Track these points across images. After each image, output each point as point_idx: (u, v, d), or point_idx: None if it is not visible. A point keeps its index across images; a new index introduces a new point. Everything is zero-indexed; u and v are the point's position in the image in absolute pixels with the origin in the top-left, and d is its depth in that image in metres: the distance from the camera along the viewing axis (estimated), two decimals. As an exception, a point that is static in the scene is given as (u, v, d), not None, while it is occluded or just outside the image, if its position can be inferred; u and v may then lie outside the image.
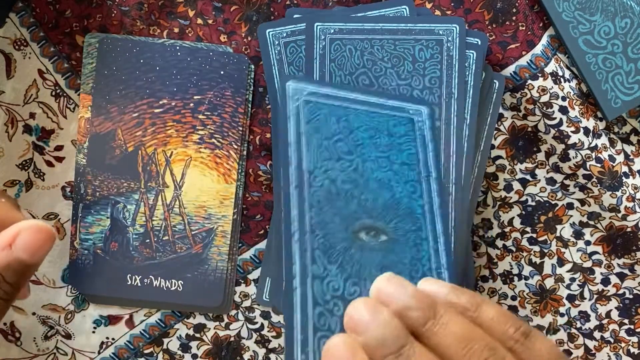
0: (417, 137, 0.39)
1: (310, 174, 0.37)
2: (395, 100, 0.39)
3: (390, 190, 0.38)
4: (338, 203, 0.37)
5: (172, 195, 0.43)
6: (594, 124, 0.44)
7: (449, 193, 0.39)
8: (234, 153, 0.42)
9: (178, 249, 0.43)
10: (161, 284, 0.43)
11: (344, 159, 0.38)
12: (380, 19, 0.41)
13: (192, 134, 0.42)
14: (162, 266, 0.43)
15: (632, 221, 0.45)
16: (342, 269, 0.36)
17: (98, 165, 0.42)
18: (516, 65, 0.43)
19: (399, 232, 0.37)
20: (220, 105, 0.42)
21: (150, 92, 0.42)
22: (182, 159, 0.43)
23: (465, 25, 0.42)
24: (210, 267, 0.43)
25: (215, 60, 0.42)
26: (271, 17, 0.43)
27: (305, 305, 0.36)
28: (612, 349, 0.47)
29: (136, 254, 0.43)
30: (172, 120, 0.42)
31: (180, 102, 0.42)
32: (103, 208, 0.43)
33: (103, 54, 0.41)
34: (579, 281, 0.46)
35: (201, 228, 0.43)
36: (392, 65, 0.39)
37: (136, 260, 0.43)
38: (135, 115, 0.42)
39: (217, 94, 0.42)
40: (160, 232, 0.43)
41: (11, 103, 0.43)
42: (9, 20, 0.43)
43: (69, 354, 0.45)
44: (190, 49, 0.42)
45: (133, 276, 0.42)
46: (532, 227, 0.45)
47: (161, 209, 0.43)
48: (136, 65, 0.42)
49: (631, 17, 0.43)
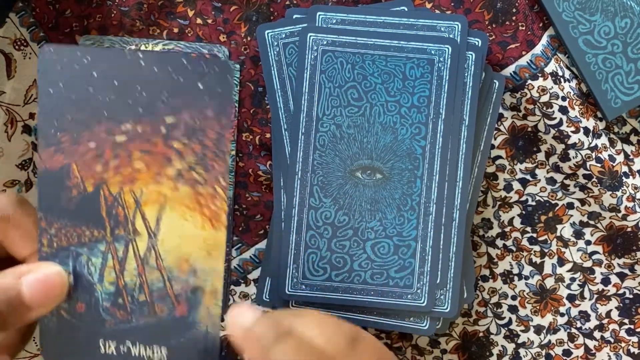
0: (433, 79, 0.40)
1: (319, 120, 0.40)
2: (416, 41, 0.40)
3: (394, 133, 0.40)
4: (340, 146, 0.40)
5: (145, 245, 0.34)
6: (594, 124, 0.44)
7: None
8: (221, 190, 0.33)
9: (158, 311, 0.35)
10: (141, 352, 0.35)
11: (352, 105, 0.40)
12: (380, 12, 0.41)
13: (166, 168, 0.33)
14: (140, 330, 0.35)
15: (632, 221, 0.45)
16: (335, 201, 0.41)
17: (52, 211, 0.34)
18: (516, 65, 0.43)
19: (394, 171, 0.40)
20: (201, 130, 0.33)
21: (109, 114, 0.33)
22: (156, 199, 0.34)
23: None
24: (199, 332, 0.34)
25: (190, 69, 0.32)
26: (271, 17, 0.43)
27: (301, 229, 0.42)
28: (612, 349, 0.47)
29: (108, 316, 0.35)
30: (139, 150, 0.33)
31: (148, 126, 0.33)
32: (63, 261, 0.34)
33: (45, 67, 0.32)
34: (579, 281, 0.46)
35: (185, 286, 0.34)
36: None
37: (108, 323, 0.35)
38: (92, 146, 0.33)
39: (194, 114, 0.33)
40: (134, 291, 0.35)
41: (11, 103, 0.43)
42: (9, 20, 0.43)
43: (70, 354, 0.45)
44: (156, 55, 0.33)
45: (107, 342, 0.35)
46: (532, 226, 0.45)
47: (133, 262, 0.34)
48: (89, 80, 0.33)
49: (631, 17, 0.43)
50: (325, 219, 0.42)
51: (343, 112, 0.40)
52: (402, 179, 0.41)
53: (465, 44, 0.41)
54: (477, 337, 0.46)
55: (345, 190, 0.41)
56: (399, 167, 0.40)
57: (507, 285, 0.46)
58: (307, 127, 0.41)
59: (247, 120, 0.44)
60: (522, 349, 0.46)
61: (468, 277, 0.43)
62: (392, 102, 0.40)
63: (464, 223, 0.42)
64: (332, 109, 0.40)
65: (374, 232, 0.41)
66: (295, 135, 0.41)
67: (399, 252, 0.41)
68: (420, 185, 0.41)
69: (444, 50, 0.40)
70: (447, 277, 0.42)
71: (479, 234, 0.45)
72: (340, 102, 0.40)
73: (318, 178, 0.41)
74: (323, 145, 0.41)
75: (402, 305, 0.41)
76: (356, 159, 0.40)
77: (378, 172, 0.41)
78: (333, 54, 0.40)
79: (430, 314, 0.42)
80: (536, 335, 0.46)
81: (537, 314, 0.46)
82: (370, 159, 0.40)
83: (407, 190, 0.41)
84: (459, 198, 0.41)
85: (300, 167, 0.41)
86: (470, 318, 0.46)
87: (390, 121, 0.40)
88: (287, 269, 0.42)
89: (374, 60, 0.40)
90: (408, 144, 0.40)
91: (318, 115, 0.40)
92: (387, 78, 0.40)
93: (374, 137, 0.40)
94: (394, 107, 0.40)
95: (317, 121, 0.40)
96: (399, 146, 0.41)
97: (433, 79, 0.40)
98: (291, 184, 0.41)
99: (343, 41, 0.40)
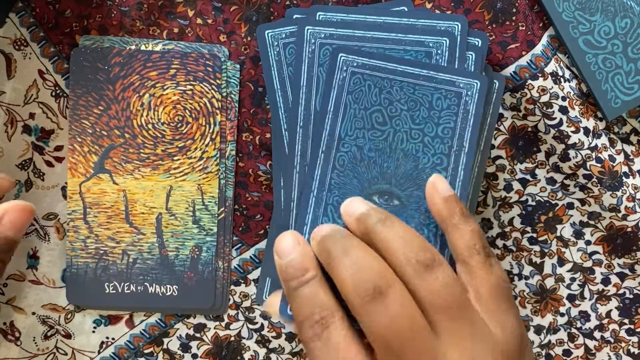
0: (459, 112, 0.40)
1: (341, 140, 0.40)
2: (446, 73, 0.40)
3: (415, 161, 0.40)
4: (360, 168, 0.40)
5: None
6: (594, 124, 0.44)
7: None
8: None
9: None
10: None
11: (376, 128, 0.40)
12: (380, 12, 0.41)
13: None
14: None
15: (632, 221, 0.45)
16: None
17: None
18: (516, 65, 0.43)
19: (412, 199, 0.39)
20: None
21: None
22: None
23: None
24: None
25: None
26: (271, 17, 0.43)
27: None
28: (612, 349, 0.47)
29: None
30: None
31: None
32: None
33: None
34: (579, 281, 0.46)
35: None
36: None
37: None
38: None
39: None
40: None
41: (11, 103, 0.43)
42: (9, 20, 0.43)
43: (69, 354, 0.45)
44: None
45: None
46: (532, 227, 0.45)
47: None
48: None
49: (631, 17, 0.43)
50: None
51: (366, 134, 0.40)
52: (419, 208, 0.40)
53: (465, 43, 0.41)
54: (477, 337, 0.46)
55: None
56: (417, 195, 0.39)
57: (507, 285, 0.46)
58: (328, 146, 0.40)
59: (247, 120, 0.44)
60: (522, 349, 0.46)
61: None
62: (416, 130, 0.40)
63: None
64: (355, 130, 0.40)
65: None
66: (315, 152, 0.40)
67: None
68: None
69: (472, 84, 0.40)
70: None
71: (479, 234, 0.45)
72: (364, 125, 0.40)
73: (334, 198, 0.40)
74: (342, 166, 0.40)
75: None
76: (374, 183, 0.40)
77: (395, 198, 0.40)
78: (362, 77, 0.40)
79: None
80: (536, 335, 0.46)
81: (537, 314, 0.46)
82: (389, 185, 0.40)
83: (424, 220, 0.40)
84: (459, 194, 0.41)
85: (317, 185, 0.40)
86: (470, 318, 0.46)
87: (412, 149, 0.40)
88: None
89: (402, 87, 0.40)
90: (428, 173, 0.39)
91: (340, 135, 0.40)
92: (413, 105, 0.40)
93: (395, 162, 0.40)
94: (418, 135, 0.40)
95: (338, 141, 0.40)
96: (419, 175, 0.40)
97: (459, 111, 0.40)
98: (305, 201, 0.40)
99: (373, 65, 0.40)
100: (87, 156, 0.43)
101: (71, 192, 0.43)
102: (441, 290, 0.32)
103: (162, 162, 0.43)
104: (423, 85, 0.40)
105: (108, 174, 0.43)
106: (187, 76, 0.43)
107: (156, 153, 0.43)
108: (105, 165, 0.43)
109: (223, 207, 0.44)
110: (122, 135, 0.43)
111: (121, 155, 0.43)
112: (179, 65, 0.43)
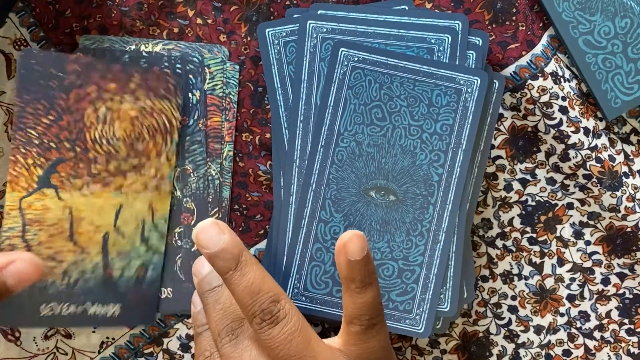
0: (458, 108, 0.40)
1: (340, 135, 0.40)
2: (447, 69, 0.40)
3: (412, 157, 0.40)
4: (358, 163, 0.40)
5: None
6: (594, 124, 0.44)
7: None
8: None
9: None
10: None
11: (375, 124, 0.40)
12: (381, 10, 0.42)
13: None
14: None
15: (632, 221, 0.45)
16: (345, 217, 0.41)
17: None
18: (516, 65, 0.43)
19: (408, 195, 0.40)
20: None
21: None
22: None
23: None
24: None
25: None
26: (271, 17, 0.43)
27: (308, 240, 0.41)
28: (612, 349, 0.47)
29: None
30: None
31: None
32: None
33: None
34: (579, 281, 0.46)
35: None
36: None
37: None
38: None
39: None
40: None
41: (11, 103, 0.43)
42: (9, 20, 0.43)
43: (69, 354, 0.45)
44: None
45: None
46: (532, 227, 0.45)
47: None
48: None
49: (631, 17, 0.43)
50: (333, 234, 0.41)
51: (365, 130, 0.40)
52: (415, 204, 0.40)
53: (466, 41, 0.41)
54: (477, 338, 0.46)
55: (357, 207, 0.41)
56: (414, 191, 0.40)
57: (507, 285, 0.46)
58: (327, 141, 0.40)
59: (247, 120, 0.44)
60: (522, 349, 0.46)
61: (468, 277, 0.43)
62: (415, 126, 0.40)
63: (464, 223, 0.42)
64: (354, 125, 0.40)
65: (381, 252, 0.41)
66: (314, 147, 0.40)
67: (402, 276, 0.41)
68: (433, 212, 0.41)
69: (472, 81, 0.40)
70: (447, 276, 0.42)
71: (478, 234, 0.45)
72: (363, 120, 0.40)
73: (332, 192, 0.40)
74: (341, 161, 0.40)
75: (399, 329, 0.41)
76: (372, 178, 0.40)
77: (392, 194, 0.40)
78: (362, 72, 0.40)
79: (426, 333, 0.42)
80: (536, 335, 0.46)
81: (537, 314, 0.46)
82: (386, 180, 0.40)
83: (419, 216, 0.40)
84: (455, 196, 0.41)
85: (316, 180, 0.40)
86: (470, 318, 0.46)
87: (410, 145, 0.40)
88: (290, 279, 0.41)
89: (402, 82, 0.40)
90: (425, 169, 0.40)
91: (340, 130, 0.40)
92: (412, 102, 0.40)
93: (393, 158, 0.40)
94: (416, 131, 0.40)
95: (338, 136, 0.40)
96: (416, 171, 0.40)
97: (459, 108, 0.40)
98: (304, 196, 0.40)
99: (374, 60, 0.40)
100: (31, 169, 0.40)
101: (9, 208, 0.40)
102: (284, 343, 0.34)
103: (113, 179, 0.41)
104: (423, 82, 0.40)
105: (54, 189, 0.40)
106: (147, 91, 0.41)
107: (108, 169, 0.41)
108: (52, 179, 0.40)
109: (218, 208, 0.44)
110: (72, 149, 0.40)
111: (70, 170, 0.40)
112: (140, 81, 0.41)
